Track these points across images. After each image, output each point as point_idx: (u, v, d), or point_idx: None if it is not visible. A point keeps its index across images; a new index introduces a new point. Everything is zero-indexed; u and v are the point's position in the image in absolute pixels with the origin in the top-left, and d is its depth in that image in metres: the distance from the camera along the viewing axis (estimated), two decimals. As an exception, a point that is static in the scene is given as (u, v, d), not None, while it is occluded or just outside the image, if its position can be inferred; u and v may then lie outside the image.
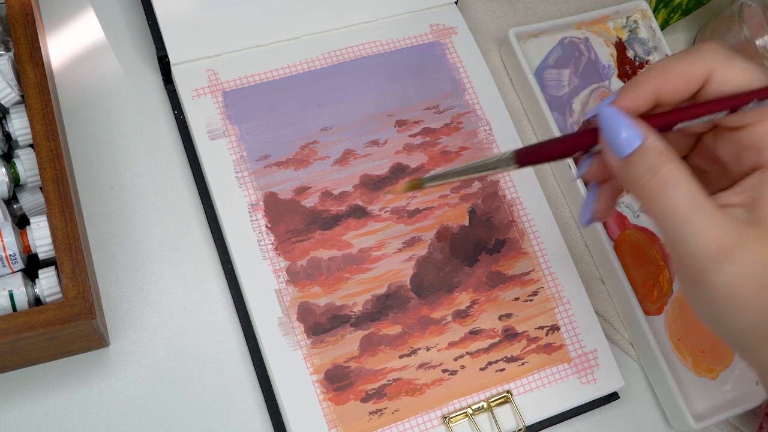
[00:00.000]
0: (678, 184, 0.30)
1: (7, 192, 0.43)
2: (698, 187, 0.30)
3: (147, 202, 0.48)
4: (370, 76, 0.51)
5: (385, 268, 0.47)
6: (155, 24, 0.49)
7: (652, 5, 0.58)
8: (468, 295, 0.47)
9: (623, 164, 0.32)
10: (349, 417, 0.43)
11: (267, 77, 0.50)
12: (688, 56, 0.32)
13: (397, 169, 0.49)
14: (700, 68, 0.32)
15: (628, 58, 0.57)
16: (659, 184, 0.30)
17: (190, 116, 0.48)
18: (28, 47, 0.43)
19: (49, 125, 0.41)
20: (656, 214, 0.31)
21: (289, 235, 0.46)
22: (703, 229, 0.30)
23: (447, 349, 0.46)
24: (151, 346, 0.45)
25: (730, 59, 0.32)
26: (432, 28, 0.54)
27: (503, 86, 0.56)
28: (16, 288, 0.40)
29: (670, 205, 0.30)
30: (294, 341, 0.44)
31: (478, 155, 0.50)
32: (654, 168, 0.31)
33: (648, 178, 0.31)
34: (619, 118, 0.31)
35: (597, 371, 0.47)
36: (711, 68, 0.32)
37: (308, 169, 0.48)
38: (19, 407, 0.43)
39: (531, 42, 0.56)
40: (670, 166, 0.30)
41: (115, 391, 0.44)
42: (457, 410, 0.45)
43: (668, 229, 0.31)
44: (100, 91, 0.50)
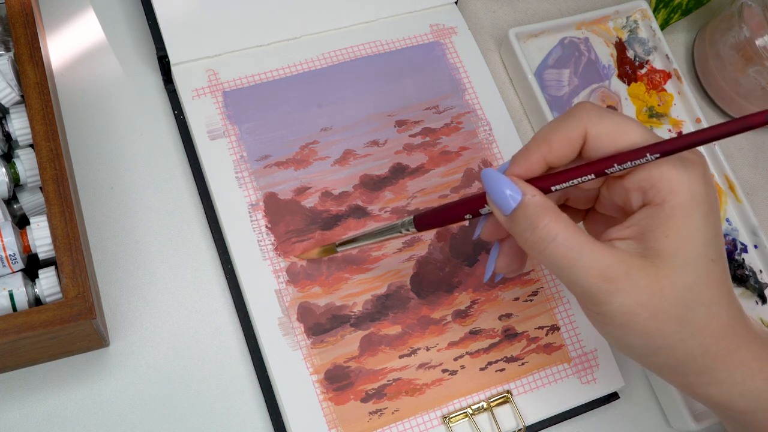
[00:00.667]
0: (556, 237, 0.32)
1: (7, 192, 0.43)
2: (577, 233, 0.33)
3: (147, 202, 0.48)
4: (370, 76, 0.51)
5: (385, 268, 0.47)
6: (155, 24, 0.49)
7: (652, 5, 0.58)
8: (468, 295, 0.47)
9: (509, 222, 0.34)
10: (349, 417, 0.43)
11: (267, 77, 0.50)
12: (565, 120, 0.35)
13: (397, 169, 0.49)
14: (575, 130, 0.34)
15: (628, 58, 0.57)
16: (540, 238, 0.33)
17: (190, 116, 0.48)
18: (28, 47, 0.43)
19: (49, 125, 0.41)
20: (545, 264, 0.34)
21: (289, 235, 0.46)
22: (588, 268, 0.32)
23: (447, 349, 0.46)
24: (151, 346, 0.45)
25: (601, 116, 0.34)
26: (432, 28, 0.54)
27: (503, 86, 0.56)
28: (16, 288, 0.40)
29: (553, 256, 0.33)
30: (294, 341, 0.44)
31: (478, 155, 0.50)
32: (533, 224, 0.33)
33: (529, 234, 0.33)
34: (499, 179, 0.34)
35: (597, 371, 0.47)
36: (585, 127, 0.34)
37: (308, 169, 0.48)
38: (19, 407, 0.43)
39: (531, 42, 0.56)
40: (547, 220, 0.33)
41: (115, 391, 0.44)
42: (457, 410, 0.45)
43: (559, 274, 0.33)
44: (100, 91, 0.50)
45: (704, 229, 0.32)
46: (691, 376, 0.34)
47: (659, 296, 0.32)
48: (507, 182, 0.34)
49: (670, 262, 0.32)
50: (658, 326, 0.32)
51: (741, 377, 0.33)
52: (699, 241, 0.32)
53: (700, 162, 0.33)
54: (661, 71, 0.57)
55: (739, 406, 0.34)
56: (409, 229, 0.40)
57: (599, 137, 0.34)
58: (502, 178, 0.34)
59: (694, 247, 0.32)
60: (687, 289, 0.32)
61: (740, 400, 0.34)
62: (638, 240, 0.33)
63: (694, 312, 0.32)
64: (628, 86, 0.57)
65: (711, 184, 0.33)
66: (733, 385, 0.33)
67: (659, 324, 0.32)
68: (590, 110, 0.34)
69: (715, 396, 0.34)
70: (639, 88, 0.57)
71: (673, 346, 0.33)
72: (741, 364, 0.33)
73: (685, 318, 0.32)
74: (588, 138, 0.34)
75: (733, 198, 0.54)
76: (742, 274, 0.53)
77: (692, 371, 0.33)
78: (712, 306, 0.32)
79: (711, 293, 0.32)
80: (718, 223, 0.33)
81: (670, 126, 0.56)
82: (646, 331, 0.32)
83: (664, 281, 0.32)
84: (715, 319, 0.33)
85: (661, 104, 0.57)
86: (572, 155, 0.35)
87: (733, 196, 0.54)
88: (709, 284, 0.32)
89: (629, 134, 0.33)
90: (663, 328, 0.32)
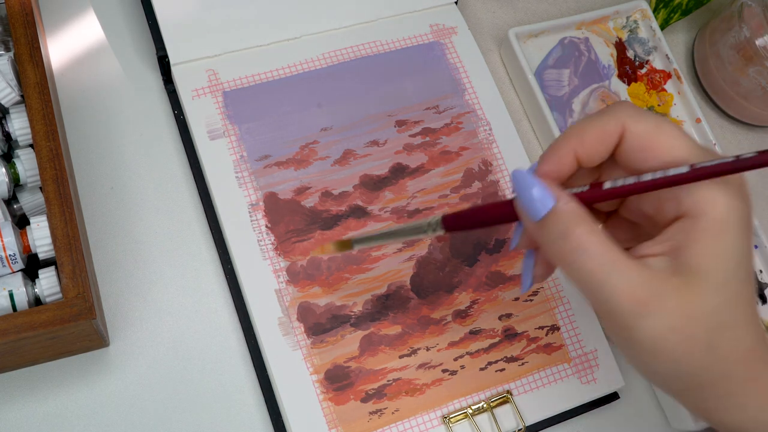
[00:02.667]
0: (588, 249, 0.30)
1: (7, 192, 0.43)
2: (610, 248, 0.30)
3: (147, 202, 0.48)
4: (370, 76, 0.51)
5: (385, 268, 0.47)
6: (155, 24, 0.49)
7: (652, 5, 0.58)
8: (468, 295, 0.47)
9: (538, 228, 0.32)
10: (349, 417, 0.43)
11: (267, 77, 0.50)
12: (602, 115, 0.33)
13: (397, 169, 0.49)
14: (613, 126, 0.32)
15: (628, 58, 0.57)
16: (571, 249, 0.31)
17: (190, 116, 0.48)
18: (28, 47, 0.43)
19: (49, 125, 0.41)
20: (572, 278, 0.32)
21: (289, 235, 0.46)
22: (618, 287, 0.30)
23: (447, 349, 0.46)
24: (151, 346, 0.45)
25: (641, 114, 0.32)
26: (432, 28, 0.54)
27: (503, 86, 0.56)
28: (16, 288, 0.40)
29: (583, 270, 0.31)
30: (294, 341, 0.44)
31: (478, 155, 0.50)
32: (565, 233, 0.31)
33: (560, 244, 0.31)
34: (531, 181, 0.32)
35: (597, 371, 0.47)
36: (624, 124, 0.32)
37: (308, 169, 0.48)
38: (19, 407, 0.43)
39: (531, 42, 0.56)
40: (580, 231, 0.31)
41: (115, 391, 0.44)
42: (457, 410, 0.45)
43: (586, 290, 0.31)
44: (100, 91, 0.50)
45: (739, 248, 0.31)
46: (711, 401, 0.32)
47: (690, 319, 0.30)
48: (539, 185, 0.32)
49: (703, 280, 0.30)
50: (687, 351, 0.30)
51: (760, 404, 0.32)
52: (733, 260, 0.30)
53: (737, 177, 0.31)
54: (661, 71, 0.57)
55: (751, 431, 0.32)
56: (437, 229, 0.37)
57: (637, 135, 0.32)
58: (534, 180, 0.32)
59: (728, 267, 0.30)
60: (718, 311, 0.30)
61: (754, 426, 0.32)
62: (673, 256, 0.31)
63: (722, 336, 0.31)
64: (628, 86, 0.57)
65: (748, 199, 0.31)
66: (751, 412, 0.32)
67: (688, 349, 0.30)
68: (630, 108, 0.33)
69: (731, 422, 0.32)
70: (639, 88, 0.57)
71: (699, 372, 0.31)
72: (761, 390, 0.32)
73: (713, 342, 0.30)
74: (625, 136, 0.32)
75: (733, 198, 0.54)
76: (742, 274, 0.53)
77: (713, 396, 0.32)
78: (738, 329, 0.31)
79: (738, 316, 0.31)
80: (751, 241, 0.31)
81: (670, 126, 0.56)
82: (675, 356, 0.31)
83: (696, 302, 0.30)
84: (741, 344, 0.31)
85: (661, 104, 0.57)
86: (605, 153, 0.33)
87: (733, 196, 0.54)
88: (737, 306, 0.31)
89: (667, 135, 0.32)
90: (691, 353, 0.30)
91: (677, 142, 0.32)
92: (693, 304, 0.30)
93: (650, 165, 0.32)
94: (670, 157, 0.31)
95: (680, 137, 0.32)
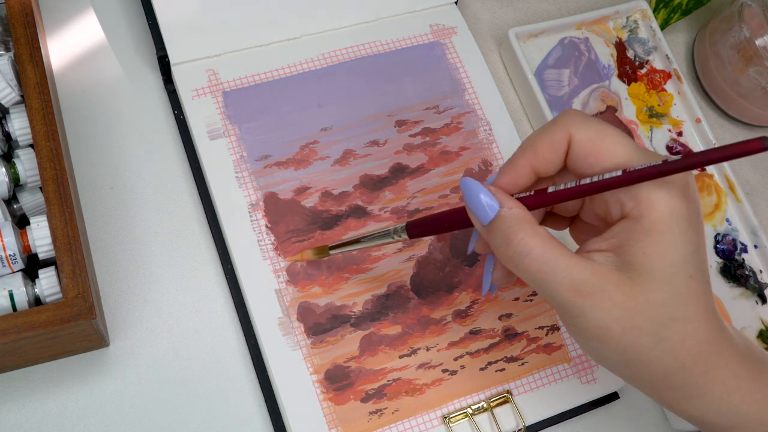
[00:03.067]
0: (531, 252, 0.32)
1: (7, 192, 0.43)
2: (552, 247, 0.32)
3: (147, 202, 0.48)
4: (370, 76, 0.51)
5: (385, 268, 0.47)
6: (155, 24, 0.49)
7: (652, 5, 0.58)
8: (468, 295, 0.47)
9: (486, 232, 0.34)
10: (349, 417, 0.43)
11: (267, 77, 0.50)
12: (550, 126, 0.35)
13: (397, 169, 0.49)
14: (560, 135, 0.34)
15: (628, 58, 0.57)
16: (515, 253, 0.33)
17: (190, 116, 0.48)
18: (28, 47, 0.43)
19: (49, 125, 0.41)
20: (521, 277, 0.34)
21: (289, 235, 0.46)
22: (562, 283, 0.32)
23: (447, 349, 0.46)
24: (151, 346, 0.45)
25: (585, 122, 0.34)
26: (432, 28, 0.54)
27: (503, 86, 0.56)
28: (16, 288, 0.40)
29: (527, 270, 0.33)
30: (294, 341, 0.44)
31: (478, 155, 0.50)
32: (507, 239, 0.33)
33: (504, 247, 0.33)
34: (477, 188, 0.34)
35: (597, 371, 0.47)
36: (569, 132, 0.34)
37: (308, 169, 0.48)
38: (19, 407, 0.43)
39: (531, 42, 0.56)
40: (522, 235, 0.33)
41: (115, 391, 0.44)
42: (457, 410, 0.45)
43: (534, 288, 0.33)
44: (100, 92, 0.50)
45: (682, 246, 0.32)
46: (666, 391, 0.34)
47: (634, 312, 0.32)
48: (485, 192, 0.34)
49: (646, 277, 0.32)
50: (633, 341, 0.32)
51: (718, 394, 0.33)
52: (676, 257, 0.32)
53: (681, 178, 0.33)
54: (661, 71, 0.57)
55: (717, 423, 0.34)
56: (402, 235, 0.40)
57: (582, 143, 0.34)
58: (479, 187, 0.34)
59: (671, 264, 0.32)
60: (662, 305, 0.32)
61: (717, 416, 0.33)
62: (616, 253, 0.33)
63: (669, 329, 0.32)
64: (628, 86, 0.57)
65: (693, 199, 0.33)
66: (710, 402, 0.33)
67: (634, 339, 0.32)
68: (574, 116, 0.34)
69: (692, 411, 0.34)
70: (639, 88, 0.57)
71: (648, 361, 0.32)
72: (718, 381, 0.33)
73: (659, 334, 0.32)
74: (571, 143, 0.34)
75: (733, 198, 0.54)
76: (742, 274, 0.53)
77: (667, 386, 0.33)
78: (688, 323, 0.32)
79: (688, 310, 0.32)
80: (699, 239, 0.33)
81: (670, 126, 0.56)
82: (621, 345, 0.32)
83: (639, 297, 0.32)
84: (692, 337, 0.32)
85: (661, 104, 0.57)
86: (558, 162, 0.35)
87: (733, 196, 0.54)
88: (686, 301, 0.32)
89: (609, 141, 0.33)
90: (638, 343, 0.32)
91: (619, 147, 0.33)
92: (635, 298, 0.32)
93: (594, 171, 0.34)
94: (612, 162, 0.33)
95: (622, 143, 0.33)
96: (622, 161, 0.33)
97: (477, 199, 0.34)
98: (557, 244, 0.33)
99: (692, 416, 0.34)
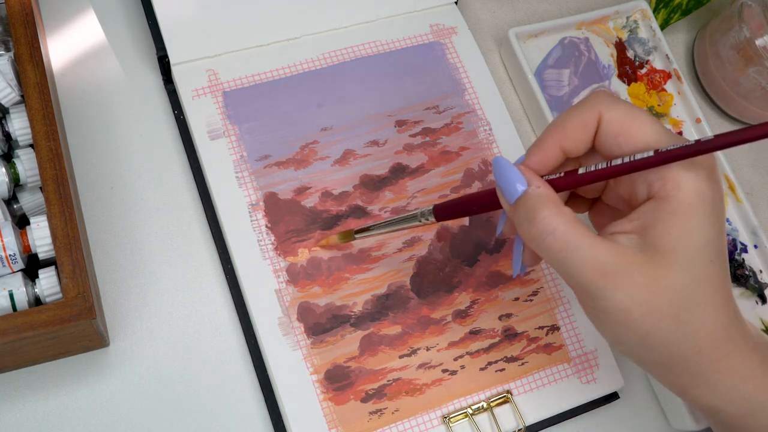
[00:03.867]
0: (554, 231, 0.32)
1: (7, 192, 0.43)
2: (575, 227, 0.32)
3: (147, 202, 0.48)
4: (370, 76, 0.51)
5: (385, 268, 0.47)
6: (155, 24, 0.49)
7: (652, 5, 0.58)
8: (468, 295, 0.47)
9: (511, 211, 0.34)
10: (349, 417, 0.43)
11: (267, 77, 0.50)
12: (580, 106, 0.35)
13: (397, 169, 0.49)
14: (590, 114, 0.34)
15: (628, 58, 0.57)
16: (538, 231, 0.33)
17: (190, 116, 0.48)
18: (28, 47, 0.43)
19: (49, 125, 0.41)
20: (543, 257, 0.34)
21: (289, 235, 0.46)
22: (585, 263, 0.32)
23: (447, 349, 0.46)
24: (151, 346, 0.45)
25: (616, 103, 0.34)
26: (432, 28, 0.54)
27: (503, 86, 0.56)
28: (16, 288, 0.40)
29: (550, 249, 0.33)
30: (294, 341, 0.44)
31: (478, 155, 0.50)
32: (532, 216, 0.33)
33: (527, 225, 0.33)
34: (507, 167, 0.34)
35: (597, 371, 0.47)
36: (599, 111, 0.34)
37: (308, 169, 0.48)
38: (19, 407, 0.43)
39: (531, 42, 0.56)
40: (546, 213, 0.33)
41: (115, 391, 0.44)
42: (457, 410, 0.45)
43: (555, 267, 0.33)
44: (100, 91, 0.50)
45: (705, 229, 0.32)
46: (683, 377, 0.34)
47: (656, 294, 0.32)
48: (514, 170, 0.34)
49: (669, 260, 0.32)
50: (654, 324, 0.32)
51: (732, 382, 0.33)
52: (699, 241, 0.32)
53: (708, 161, 0.33)
54: (661, 71, 0.57)
55: (728, 411, 0.34)
56: (429, 218, 0.40)
57: (612, 122, 0.34)
58: (509, 166, 0.34)
59: (694, 247, 0.32)
60: (684, 289, 0.32)
61: (729, 404, 0.34)
62: (640, 234, 0.33)
63: (690, 312, 0.32)
64: (628, 86, 0.57)
65: (718, 184, 0.33)
66: (723, 389, 0.33)
67: (654, 322, 0.32)
68: (604, 96, 0.35)
69: (705, 399, 0.34)
70: (639, 88, 0.57)
71: (668, 345, 0.33)
72: (733, 368, 0.33)
73: (680, 318, 0.32)
74: (601, 122, 0.34)
75: (733, 198, 0.54)
76: (742, 274, 0.53)
77: (684, 372, 0.33)
78: (708, 308, 0.32)
79: (707, 295, 0.32)
80: (721, 224, 0.33)
81: (670, 126, 0.56)
82: (642, 329, 0.32)
83: (662, 280, 0.32)
84: (711, 322, 0.32)
85: (661, 104, 0.57)
86: (587, 141, 0.35)
87: (733, 196, 0.54)
88: (705, 285, 0.32)
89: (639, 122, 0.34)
90: (658, 326, 0.32)
91: (648, 128, 0.33)
92: (658, 280, 0.32)
93: (623, 150, 0.34)
94: (641, 143, 0.33)
95: (652, 124, 0.34)
96: (651, 141, 0.33)
97: (506, 178, 0.34)
98: (581, 225, 0.33)
99: (704, 405, 0.34)
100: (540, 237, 0.33)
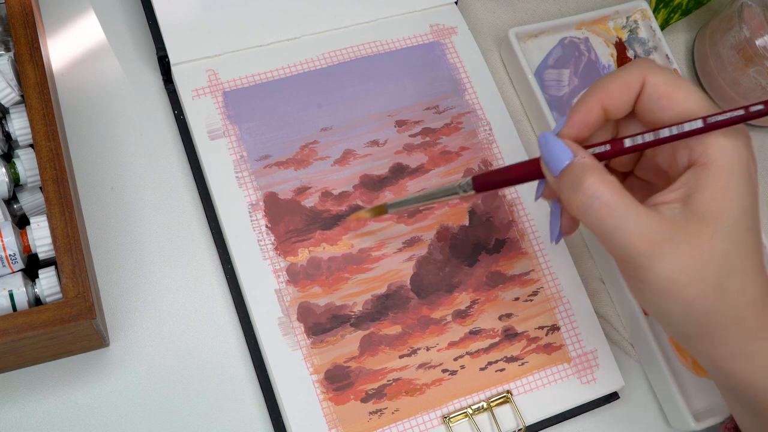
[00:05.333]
0: (601, 197, 0.33)
1: (7, 192, 0.43)
2: (622, 195, 0.33)
3: (147, 202, 0.48)
4: (370, 76, 0.51)
5: (385, 268, 0.47)
6: (155, 24, 0.49)
7: (652, 5, 0.58)
8: (468, 295, 0.47)
9: (557, 181, 0.35)
10: (349, 417, 0.43)
11: (267, 77, 0.50)
12: (624, 69, 0.36)
13: (397, 169, 0.49)
14: (635, 77, 0.35)
15: (628, 58, 0.57)
16: (584, 196, 0.33)
17: (190, 116, 0.48)
18: (28, 47, 0.43)
19: (49, 125, 0.41)
20: (587, 224, 0.34)
21: (289, 235, 0.46)
22: (631, 231, 0.32)
23: (447, 349, 0.46)
24: (151, 346, 0.45)
25: (660, 68, 0.35)
26: (432, 28, 0.54)
27: (503, 86, 0.56)
28: (16, 288, 0.40)
29: (597, 215, 0.33)
30: (294, 341, 0.44)
31: (478, 155, 0.50)
32: (577, 182, 0.33)
33: (573, 192, 0.34)
34: (554, 141, 0.35)
35: (597, 371, 0.47)
36: (644, 74, 0.35)
37: (308, 169, 0.48)
38: (19, 407, 0.43)
39: (531, 42, 0.56)
40: (593, 179, 0.33)
41: (115, 391, 0.44)
42: (457, 410, 0.45)
43: (600, 236, 0.33)
44: (100, 92, 0.50)
45: (744, 197, 0.33)
46: (720, 348, 0.34)
47: (699, 261, 0.32)
48: (560, 144, 0.35)
49: (712, 226, 0.32)
50: (698, 293, 0.32)
51: None
52: (738, 208, 0.32)
53: (744, 130, 0.34)
54: (661, 71, 0.57)
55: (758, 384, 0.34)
56: (467, 190, 0.40)
57: (657, 85, 0.34)
58: (555, 140, 0.35)
59: (735, 213, 0.32)
60: (725, 255, 0.32)
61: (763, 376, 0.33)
62: (684, 203, 0.33)
63: (732, 280, 0.32)
64: (628, 86, 0.57)
65: (752, 152, 0.34)
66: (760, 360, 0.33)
67: (699, 290, 0.32)
68: (648, 62, 0.36)
69: (740, 371, 0.34)
70: (639, 88, 0.57)
71: (710, 314, 0.33)
72: None
73: (723, 285, 0.32)
74: (645, 85, 0.35)
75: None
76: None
77: (723, 342, 0.33)
78: (747, 275, 0.33)
79: (746, 263, 0.33)
80: (756, 192, 0.33)
81: (670, 126, 0.56)
82: (686, 298, 0.32)
83: (705, 246, 0.32)
84: (750, 290, 0.33)
85: (661, 104, 0.57)
86: (629, 102, 0.35)
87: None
88: (744, 254, 0.33)
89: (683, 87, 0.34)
90: (702, 295, 0.32)
91: (692, 94, 0.34)
92: (702, 247, 0.32)
93: (667, 114, 0.34)
94: (684, 108, 0.34)
95: (694, 91, 0.34)
96: (694, 108, 0.34)
97: (552, 149, 0.35)
98: (626, 193, 0.33)
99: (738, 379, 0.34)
100: (587, 202, 0.33)
